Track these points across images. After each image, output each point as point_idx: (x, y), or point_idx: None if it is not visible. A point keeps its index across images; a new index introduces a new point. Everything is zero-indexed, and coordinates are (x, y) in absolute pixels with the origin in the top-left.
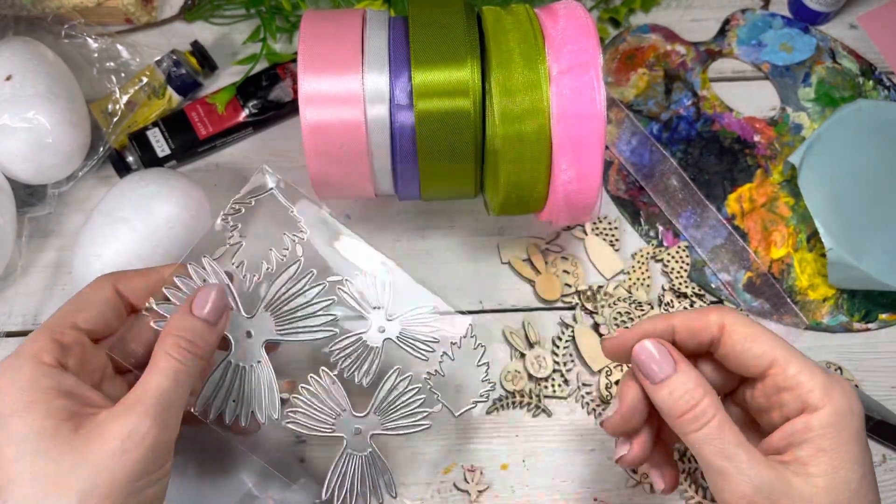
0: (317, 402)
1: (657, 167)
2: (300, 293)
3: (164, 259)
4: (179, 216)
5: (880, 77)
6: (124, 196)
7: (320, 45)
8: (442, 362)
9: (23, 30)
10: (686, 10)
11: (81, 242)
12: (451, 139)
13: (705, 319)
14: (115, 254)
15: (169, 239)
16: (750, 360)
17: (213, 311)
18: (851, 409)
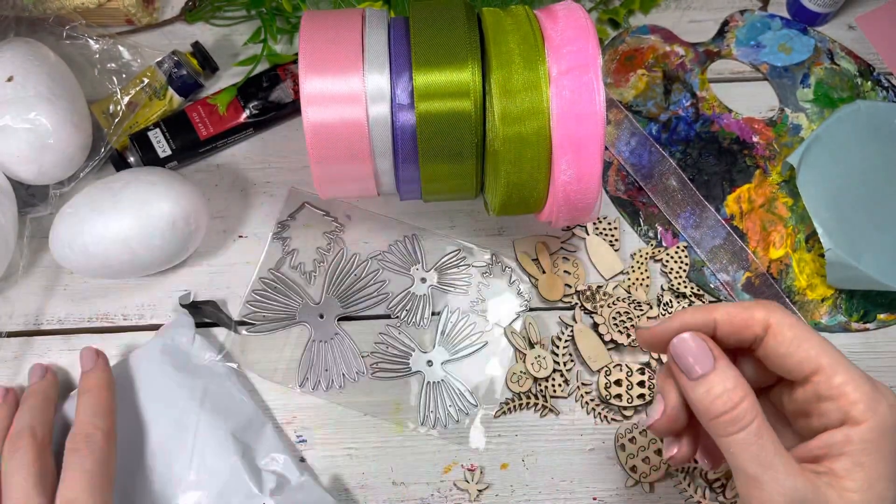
0: (391, 351)
1: (656, 168)
2: (350, 273)
3: (154, 254)
4: (174, 212)
5: (878, 78)
6: (120, 183)
7: (321, 45)
8: (479, 290)
9: (24, 31)
10: (685, 11)
11: (70, 214)
12: (451, 140)
13: (750, 316)
14: (100, 235)
15: (161, 234)
16: (794, 365)
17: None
18: (895, 425)
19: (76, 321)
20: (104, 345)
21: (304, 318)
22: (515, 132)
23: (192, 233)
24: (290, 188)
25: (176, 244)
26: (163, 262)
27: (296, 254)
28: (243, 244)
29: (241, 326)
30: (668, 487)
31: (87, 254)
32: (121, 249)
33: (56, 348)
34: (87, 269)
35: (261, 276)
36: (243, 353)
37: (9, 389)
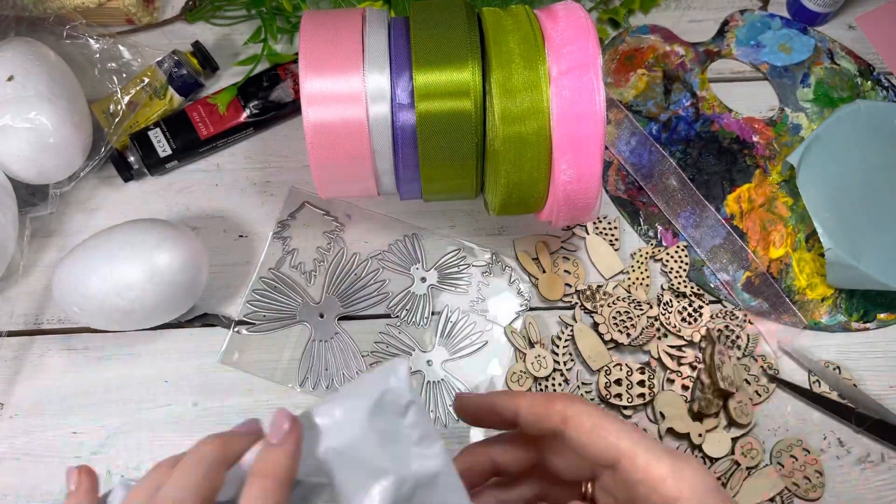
0: (391, 350)
1: (656, 167)
2: (351, 272)
3: (150, 309)
4: (178, 266)
5: (878, 77)
6: (126, 240)
7: (321, 44)
8: (480, 290)
9: (24, 30)
10: (685, 10)
11: (69, 272)
12: (452, 140)
13: (549, 408)
14: (94, 295)
15: (159, 293)
16: (596, 452)
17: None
18: (707, 485)
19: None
20: (104, 344)
21: (305, 317)
22: (515, 132)
23: (194, 288)
24: (290, 188)
25: (180, 300)
26: (166, 317)
27: (296, 253)
28: (243, 244)
29: (241, 326)
30: None
31: (91, 310)
32: (125, 306)
33: (56, 348)
34: (92, 322)
35: (261, 276)
36: (243, 353)
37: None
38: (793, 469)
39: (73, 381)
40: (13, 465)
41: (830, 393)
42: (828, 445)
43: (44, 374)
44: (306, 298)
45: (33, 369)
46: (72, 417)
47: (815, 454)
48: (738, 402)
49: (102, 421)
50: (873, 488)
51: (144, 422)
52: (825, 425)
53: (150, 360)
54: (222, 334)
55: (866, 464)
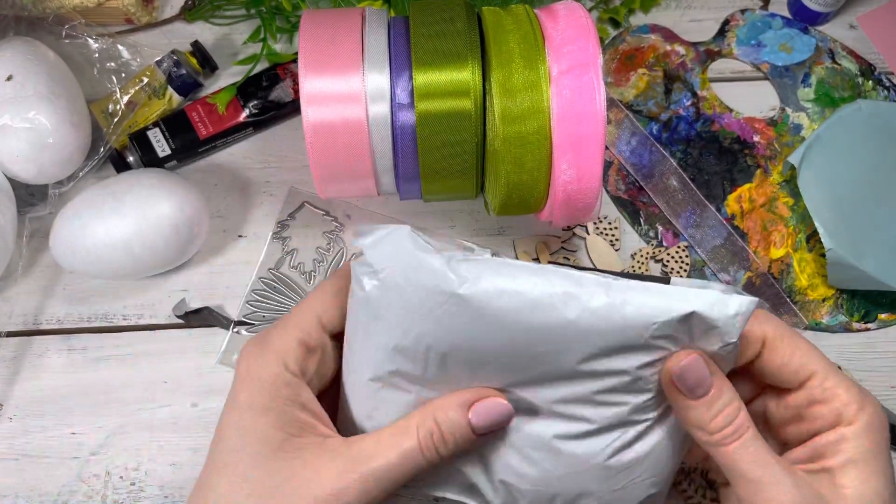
0: None
1: (657, 167)
2: None
3: (156, 256)
4: (176, 216)
5: (880, 77)
6: (123, 186)
7: (320, 44)
8: None
9: (23, 30)
10: (685, 10)
11: (71, 215)
12: (452, 139)
13: (747, 333)
14: (102, 233)
15: (164, 238)
16: (790, 373)
17: (487, 424)
18: (882, 422)
19: (75, 321)
20: (103, 344)
21: None
22: (516, 131)
23: (193, 235)
24: (289, 188)
25: (177, 246)
26: (164, 264)
27: (295, 253)
28: (243, 244)
29: (240, 326)
30: None
31: (88, 257)
32: (122, 252)
33: (55, 348)
34: (87, 271)
35: (260, 276)
36: None
37: None
38: None
39: (72, 381)
40: (12, 466)
41: None
42: None
43: (43, 374)
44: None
45: (32, 370)
46: (71, 418)
47: None
48: None
49: (101, 421)
50: None
51: (143, 422)
52: None
53: (150, 360)
54: (221, 335)
55: None
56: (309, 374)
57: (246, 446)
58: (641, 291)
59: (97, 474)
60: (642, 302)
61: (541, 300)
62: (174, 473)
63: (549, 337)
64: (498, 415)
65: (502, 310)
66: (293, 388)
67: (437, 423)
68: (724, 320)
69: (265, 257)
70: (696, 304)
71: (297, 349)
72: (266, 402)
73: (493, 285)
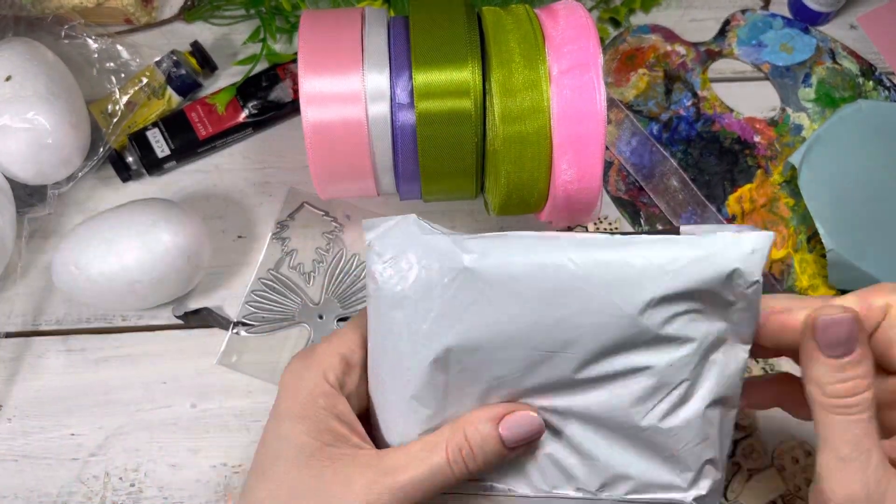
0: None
1: (657, 168)
2: (350, 273)
3: (154, 290)
4: (177, 252)
5: (880, 77)
6: (122, 220)
7: (320, 44)
8: None
9: (22, 30)
10: (686, 10)
11: (71, 248)
12: (452, 139)
13: (869, 304)
14: (103, 274)
15: (166, 273)
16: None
17: (518, 438)
18: None
19: (74, 322)
20: (102, 345)
21: (304, 318)
22: (516, 131)
23: (195, 267)
24: (289, 188)
25: (179, 280)
26: (168, 297)
27: (295, 254)
28: (242, 244)
29: (239, 327)
30: None
31: (90, 291)
32: (124, 289)
33: (54, 349)
34: (91, 304)
35: (260, 277)
36: (242, 354)
37: None
38: (794, 471)
39: (72, 382)
40: (11, 467)
41: None
42: None
43: (42, 375)
44: (305, 299)
45: (31, 370)
46: (70, 419)
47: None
48: None
49: (101, 422)
50: None
51: (143, 423)
52: None
53: (149, 361)
54: (221, 335)
55: None
56: (348, 389)
57: (282, 452)
58: (651, 244)
59: (96, 475)
60: (653, 253)
61: (551, 262)
62: (173, 474)
63: (565, 299)
64: (528, 427)
65: (513, 277)
66: (330, 399)
67: (466, 437)
68: (743, 259)
69: (264, 258)
70: (709, 249)
71: (338, 363)
72: (303, 410)
73: (501, 255)
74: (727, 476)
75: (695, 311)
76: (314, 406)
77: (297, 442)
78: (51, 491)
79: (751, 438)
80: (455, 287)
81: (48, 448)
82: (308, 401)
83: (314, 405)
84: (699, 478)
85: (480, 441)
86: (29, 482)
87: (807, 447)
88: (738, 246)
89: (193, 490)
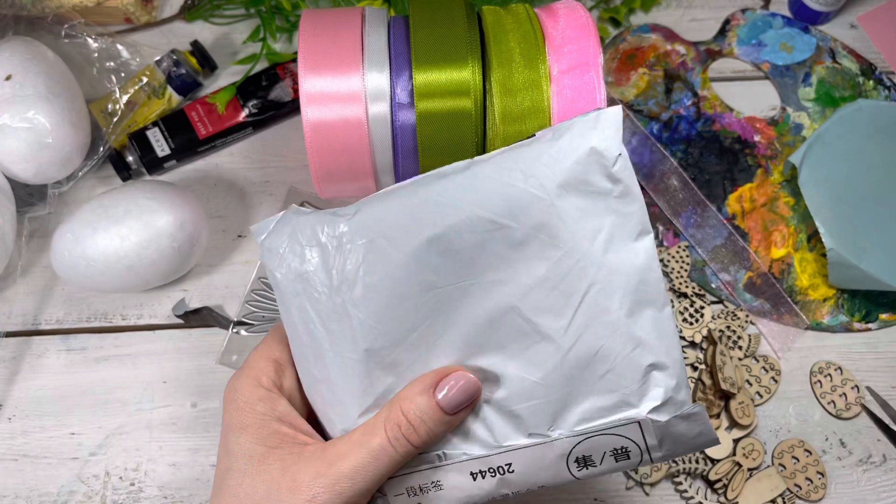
0: None
1: (657, 167)
2: None
3: (153, 269)
4: (175, 230)
5: (880, 77)
6: (124, 198)
7: (320, 43)
8: None
9: (23, 30)
10: (686, 9)
11: (71, 231)
12: (452, 139)
13: None
14: (102, 252)
15: (164, 252)
16: None
17: (457, 401)
18: None
19: (74, 321)
20: (102, 345)
21: None
22: (516, 131)
23: (193, 247)
24: (289, 187)
25: (178, 259)
26: (166, 277)
27: None
28: (242, 244)
29: (240, 326)
30: (668, 488)
31: (88, 273)
32: (123, 269)
33: (54, 348)
34: (90, 287)
35: (260, 276)
36: (242, 354)
37: None
38: (794, 470)
39: (72, 381)
40: (11, 466)
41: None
42: (829, 446)
43: (42, 374)
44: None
45: (31, 370)
46: (70, 418)
47: (817, 455)
48: (739, 403)
49: (101, 422)
50: (875, 489)
51: (143, 422)
52: (827, 426)
53: (149, 360)
54: (221, 335)
55: (868, 465)
56: (287, 389)
57: (232, 465)
58: (506, 151)
59: (96, 475)
60: (507, 157)
61: (418, 197)
62: (174, 474)
63: (439, 224)
64: (465, 388)
65: (383, 219)
66: (268, 403)
67: (403, 412)
68: (597, 138)
69: None
70: (559, 138)
71: (268, 366)
72: (244, 419)
73: (369, 206)
74: (728, 476)
75: (576, 210)
76: (253, 413)
77: (244, 451)
78: (51, 490)
79: (751, 438)
80: (344, 252)
81: (48, 447)
82: (247, 408)
83: (253, 412)
84: (646, 388)
85: (419, 413)
86: (29, 481)
87: (806, 447)
88: (588, 126)
89: (193, 489)
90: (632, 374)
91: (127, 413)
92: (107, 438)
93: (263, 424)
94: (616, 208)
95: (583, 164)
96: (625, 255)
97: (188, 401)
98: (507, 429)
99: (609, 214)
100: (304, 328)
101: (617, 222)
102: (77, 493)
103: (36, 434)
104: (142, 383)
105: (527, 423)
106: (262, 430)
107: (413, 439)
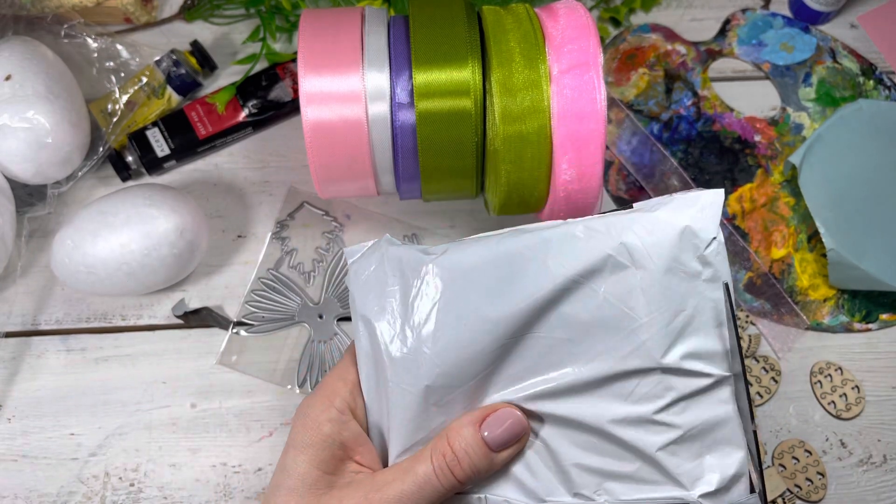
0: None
1: (658, 167)
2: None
3: (153, 274)
4: (174, 235)
5: (881, 77)
6: (124, 204)
7: (320, 43)
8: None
9: (22, 29)
10: (686, 9)
11: (71, 238)
12: (452, 139)
13: None
14: (102, 259)
15: (163, 258)
16: None
17: (502, 438)
18: None
19: (74, 321)
20: (102, 345)
21: (304, 318)
22: (516, 131)
23: (193, 251)
24: (289, 187)
25: (178, 264)
26: (166, 282)
27: (295, 253)
28: (242, 244)
29: (239, 327)
30: None
31: (88, 279)
32: (123, 275)
33: (53, 349)
34: (90, 291)
35: (259, 276)
36: (242, 354)
37: None
38: (794, 470)
39: (71, 382)
40: (11, 467)
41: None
42: (830, 447)
43: (41, 374)
44: (305, 299)
45: (31, 370)
46: (69, 419)
47: (817, 455)
48: None
49: (100, 422)
50: (875, 490)
51: (142, 423)
52: (827, 426)
53: (149, 361)
54: (221, 335)
55: (868, 465)
56: (361, 411)
57: (283, 482)
58: (606, 216)
59: (96, 475)
60: (599, 223)
61: (504, 249)
62: (173, 474)
63: (520, 275)
64: (511, 426)
65: (470, 266)
66: (336, 425)
67: (450, 443)
68: (693, 217)
69: (264, 257)
70: (657, 213)
71: (343, 387)
72: (307, 439)
73: (457, 251)
74: None
75: (660, 285)
76: (319, 433)
77: (298, 472)
78: (50, 491)
79: None
80: (424, 287)
81: (48, 448)
82: (313, 429)
83: (319, 433)
84: (700, 471)
85: (465, 446)
86: (29, 482)
87: (807, 447)
88: (686, 204)
89: (193, 490)
90: (689, 456)
91: (126, 413)
92: (106, 439)
93: (325, 447)
94: (701, 291)
95: (675, 242)
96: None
97: (188, 401)
98: (554, 484)
99: (693, 297)
100: (372, 352)
101: (699, 307)
102: (77, 493)
103: (35, 434)
104: (141, 384)
105: (575, 483)
106: (322, 452)
107: (456, 472)
